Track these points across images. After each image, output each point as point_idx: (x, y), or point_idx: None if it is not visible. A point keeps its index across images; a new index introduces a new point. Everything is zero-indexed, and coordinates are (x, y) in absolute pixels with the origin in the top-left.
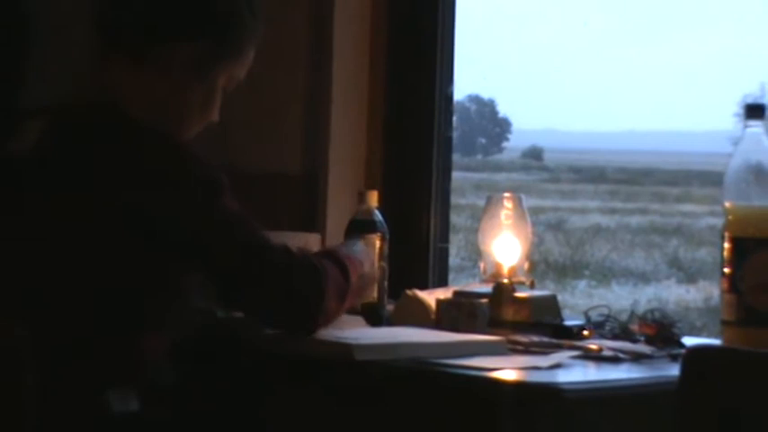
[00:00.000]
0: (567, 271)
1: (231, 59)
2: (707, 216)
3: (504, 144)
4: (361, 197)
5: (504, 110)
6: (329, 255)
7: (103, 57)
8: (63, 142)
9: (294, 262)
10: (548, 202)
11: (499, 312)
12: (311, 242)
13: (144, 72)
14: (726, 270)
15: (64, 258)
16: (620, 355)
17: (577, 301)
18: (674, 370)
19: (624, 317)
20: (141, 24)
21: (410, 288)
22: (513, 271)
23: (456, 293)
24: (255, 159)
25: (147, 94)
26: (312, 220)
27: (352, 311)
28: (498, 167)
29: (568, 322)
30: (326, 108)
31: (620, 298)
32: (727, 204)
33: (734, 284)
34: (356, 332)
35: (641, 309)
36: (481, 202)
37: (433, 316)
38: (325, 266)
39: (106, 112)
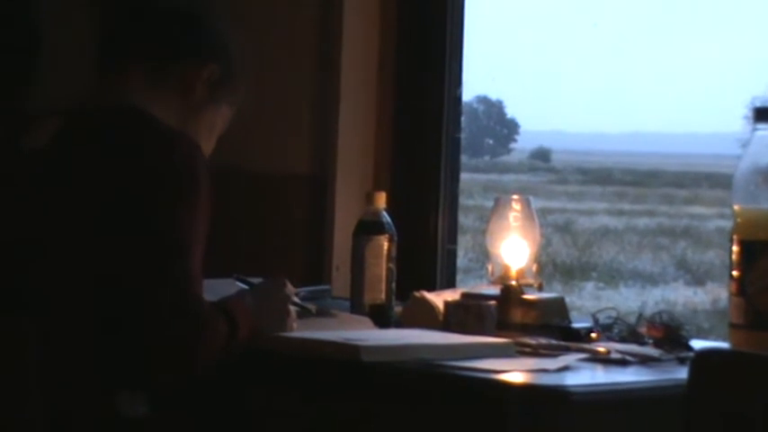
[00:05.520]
0: (574, 273)
1: (233, 91)
2: (715, 218)
3: (512, 145)
4: (369, 198)
5: (511, 111)
6: (224, 309)
7: (121, 68)
8: (79, 141)
9: (184, 306)
10: (555, 204)
11: (507, 314)
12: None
13: (163, 88)
14: (734, 273)
15: (70, 255)
16: (628, 358)
17: (585, 303)
18: (682, 373)
19: (632, 319)
20: (164, 40)
21: (418, 290)
22: (520, 273)
23: (464, 295)
24: (264, 161)
25: (163, 109)
26: (320, 221)
27: (360, 313)
28: (506, 169)
29: (576, 324)
30: (335, 109)
31: (628, 300)
32: (735, 207)
33: (742, 287)
34: (363, 333)
35: (649, 311)
36: (489, 204)
37: (440, 318)
38: (213, 321)
39: (126, 114)
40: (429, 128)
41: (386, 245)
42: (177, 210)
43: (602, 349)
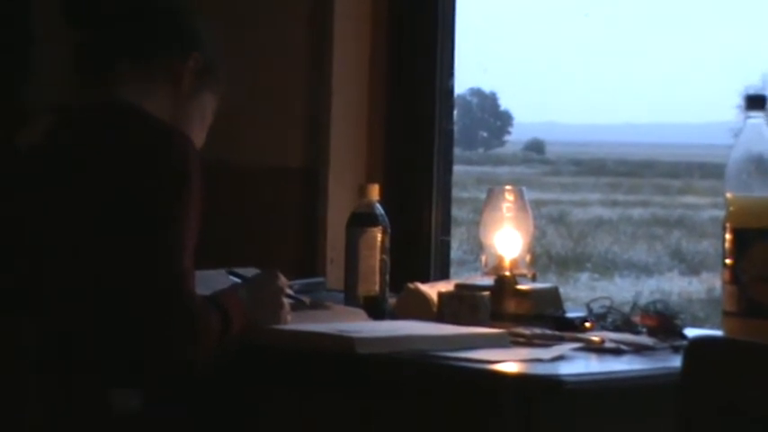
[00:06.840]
0: (569, 263)
1: (217, 79)
2: (709, 208)
3: (506, 137)
4: (363, 191)
5: (505, 103)
6: (217, 303)
7: (112, 65)
8: (77, 140)
9: (179, 304)
10: (549, 195)
11: (501, 305)
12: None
13: (153, 81)
14: (727, 261)
15: (70, 255)
16: (623, 347)
17: (579, 294)
18: (676, 361)
19: (626, 309)
20: (150, 35)
21: (412, 281)
22: (514, 264)
23: (458, 286)
24: (257, 153)
25: (155, 102)
26: (313, 213)
27: (354, 305)
28: (500, 161)
29: (570, 314)
30: (327, 102)
31: (623, 290)
32: (728, 195)
33: (735, 276)
34: (358, 325)
35: (644, 301)
36: (483, 196)
37: (434, 309)
38: (206, 316)
39: (122, 113)
40: (422, 120)
41: (379, 237)
42: (173, 208)
43: (595, 338)
